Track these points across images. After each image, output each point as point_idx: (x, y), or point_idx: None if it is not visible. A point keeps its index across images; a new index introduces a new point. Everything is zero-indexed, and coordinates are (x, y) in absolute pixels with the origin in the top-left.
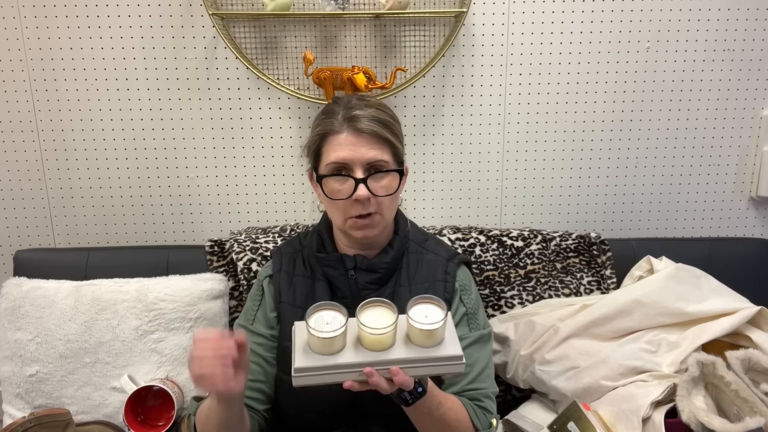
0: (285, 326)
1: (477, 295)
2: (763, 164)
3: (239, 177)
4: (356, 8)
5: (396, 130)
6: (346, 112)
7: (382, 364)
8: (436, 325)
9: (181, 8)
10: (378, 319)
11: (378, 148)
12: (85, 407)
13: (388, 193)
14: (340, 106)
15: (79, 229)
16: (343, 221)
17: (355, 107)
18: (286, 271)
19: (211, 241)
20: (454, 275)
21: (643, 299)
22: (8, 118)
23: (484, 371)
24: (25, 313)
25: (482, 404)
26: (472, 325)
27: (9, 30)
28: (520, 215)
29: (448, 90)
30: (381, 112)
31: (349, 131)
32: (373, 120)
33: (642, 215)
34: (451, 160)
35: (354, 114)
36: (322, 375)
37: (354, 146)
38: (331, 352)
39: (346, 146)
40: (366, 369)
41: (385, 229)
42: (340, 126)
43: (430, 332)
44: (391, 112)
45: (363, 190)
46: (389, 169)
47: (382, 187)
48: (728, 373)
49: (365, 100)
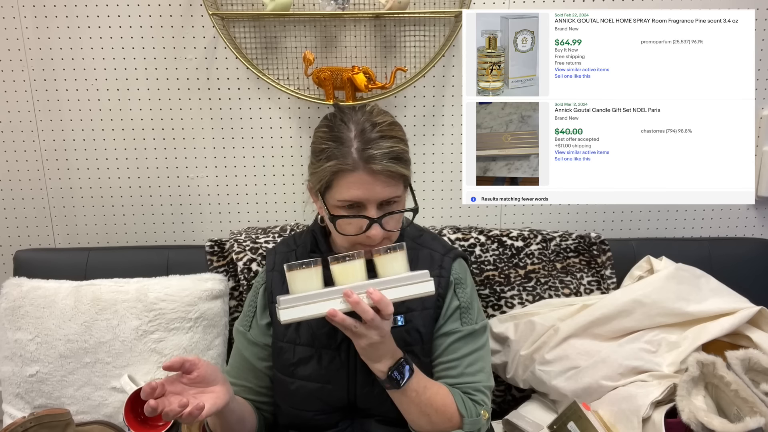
0: (278, 326)
1: (473, 290)
2: (763, 164)
3: (239, 177)
4: (356, 8)
5: (407, 157)
6: (361, 148)
7: (358, 288)
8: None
9: (181, 8)
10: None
11: (392, 186)
12: (85, 407)
13: (399, 227)
14: (353, 134)
15: (79, 229)
16: (350, 246)
17: (371, 143)
18: (279, 271)
19: (211, 241)
20: (449, 269)
21: (643, 299)
22: (8, 118)
23: (473, 365)
24: (25, 313)
25: (473, 397)
26: (465, 319)
27: (9, 30)
28: (520, 215)
29: (448, 90)
30: (395, 141)
31: (364, 171)
32: (389, 157)
33: (642, 215)
34: (451, 160)
35: (371, 154)
36: (305, 305)
37: (369, 185)
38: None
39: (360, 185)
40: (345, 290)
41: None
42: (355, 164)
43: (394, 256)
44: (402, 132)
45: (377, 230)
46: (403, 209)
47: (395, 221)
48: (728, 373)
49: (378, 125)
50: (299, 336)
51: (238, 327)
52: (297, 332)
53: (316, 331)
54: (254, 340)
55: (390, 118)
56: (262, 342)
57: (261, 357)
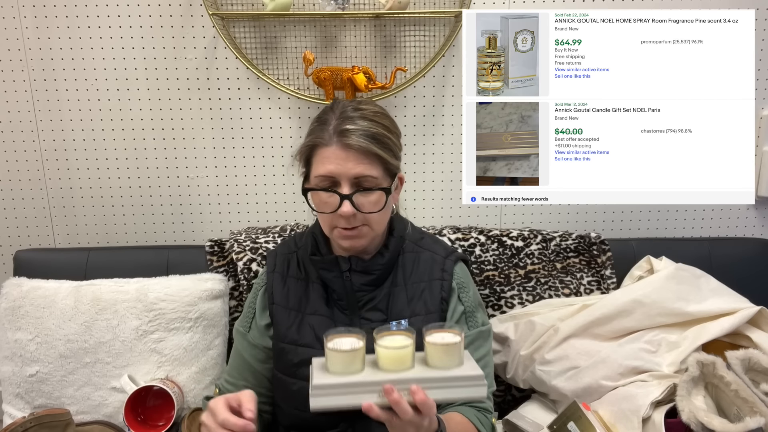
0: (279, 328)
1: (476, 293)
2: (763, 164)
3: (239, 177)
4: (356, 8)
5: (389, 144)
6: (337, 124)
7: (401, 383)
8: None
9: (181, 8)
10: (396, 341)
11: (366, 164)
12: (85, 407)
13: (375, 209)
14: (334, 114)
15: (79, 229)
16: (330, 230)
17: (347, 120)
18: (280, 272)
19: (211, 241)
20: (451, 273)
21: (643, 299)
22: (8, 118)
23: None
24: (25, 313)
25: (482, 405)
26: (471, 323)
27: (9, 30)
28: (520, 215)
29: (448, 90)
30: (375, 124)
31: (338, 145)
32: (364, 135)
33: (642, 215)
34: (451, 160)
35: (345, 128)
36: (340, 395)
37: (342, 161)
38: (350, 371)
39: (333, 160)
40: (386, 385)
41: (374, 239)
42: (330, 138)
43: (448, 348)
44: (389, 122)
45: (347, 207)
46: (375, 186)
47: (370, 203)
48: (728, 373)
49: (361, 110)
50: (301, 337)
51: (238, 327)
52: (299, 333)
53: (318, 333)
54: (253, 342)
55: (378, 109)
56: (261, 344)
57: (260, 359)
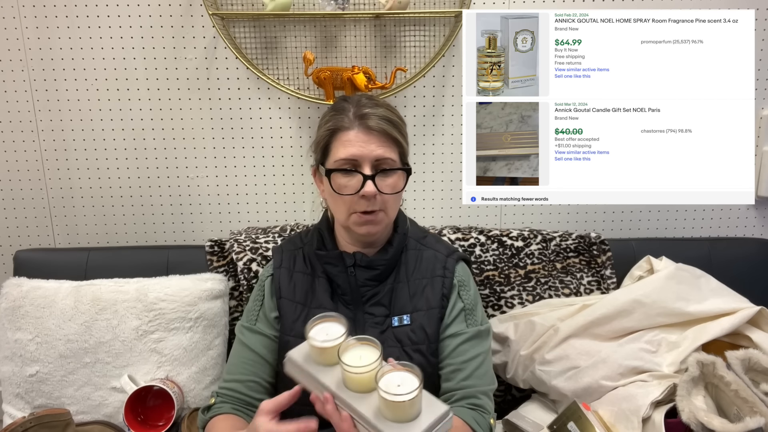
0: (285, 321)
1: (476, 292)
2: (763, 164)
3: (239, 177)
4: (356, 8)
5: (403, 131)
6: (357, 110)
7: (344, 404)
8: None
9: (181, 8)
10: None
11: (387, 147)
12: (85, 407)
13: (394, 191)
14: (351, 103)
15: (79, 229)
16: (347, 216)
17: (365, 106)
18: (287, 268)
19: (211, 241)
20: (453, 271)
21: (643, 299)
22: (8, 118)
23: (479, 368)
24: (25, 313)
25: (479, 401)
26: (470, 321)
27: (9, 30)
28: (520, 215)
29: (448, 90)
30: (390, 112)
31: (360, 128)
32: (383, 119)
33: (642, 215)
34: (451, 160)
35: (365, 112)
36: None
37: (364, 143)
38: (320, 363)
39: (356, 143)
40: (326, 394)
41: (386, 228)
42: (351, 123)
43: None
44: (399, 113)
45: (371, 187)
46: (396, 167)
47: (389, 185)
48: (728, 373)
49: (374, 100)
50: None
51: (241, 325)
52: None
53: None
54: (261, 331)
55: (388, 104)
56: (269, 333)
57: (267, 347)
